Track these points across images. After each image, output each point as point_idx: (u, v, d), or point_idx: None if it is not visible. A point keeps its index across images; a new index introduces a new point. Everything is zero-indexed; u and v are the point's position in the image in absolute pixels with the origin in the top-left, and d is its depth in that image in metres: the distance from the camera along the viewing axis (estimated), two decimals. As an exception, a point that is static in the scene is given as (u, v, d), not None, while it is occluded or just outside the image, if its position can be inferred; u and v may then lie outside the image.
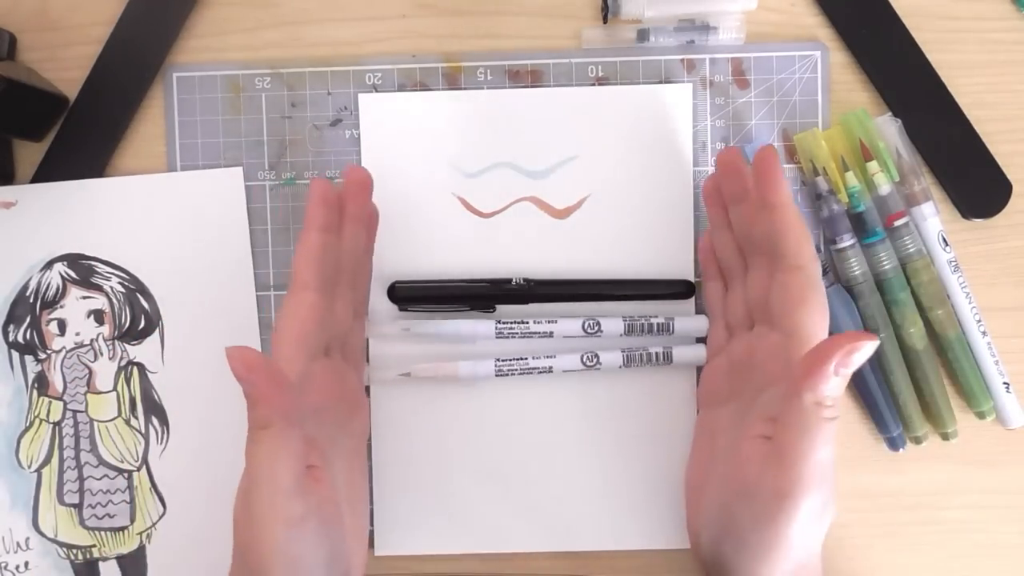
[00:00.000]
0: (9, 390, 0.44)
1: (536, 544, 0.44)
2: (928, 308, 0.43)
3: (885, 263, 0.43)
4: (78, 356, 0.44)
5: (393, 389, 0.44)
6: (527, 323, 0.42)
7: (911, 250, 0.43)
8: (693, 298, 0.44)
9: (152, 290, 0.44)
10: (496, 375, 0.42)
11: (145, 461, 0.44)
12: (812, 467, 0.32)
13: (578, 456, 0.44)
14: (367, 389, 0.44)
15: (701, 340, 0.43)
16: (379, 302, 0.44)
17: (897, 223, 0.43)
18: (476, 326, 0.42)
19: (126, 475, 0.44)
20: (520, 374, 0.42)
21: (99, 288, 0.44)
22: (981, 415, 0.44)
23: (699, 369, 0.43)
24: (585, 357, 0.42)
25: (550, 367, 0.42)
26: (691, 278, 0.44)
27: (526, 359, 0.42)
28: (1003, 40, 0.44)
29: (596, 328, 0.42)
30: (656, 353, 0.42)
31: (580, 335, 0.43)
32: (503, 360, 0.42)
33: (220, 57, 0.44)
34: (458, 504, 0.44)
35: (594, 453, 0.44)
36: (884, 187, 0.42)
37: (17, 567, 0.44)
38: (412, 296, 0.43)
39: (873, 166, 0.42)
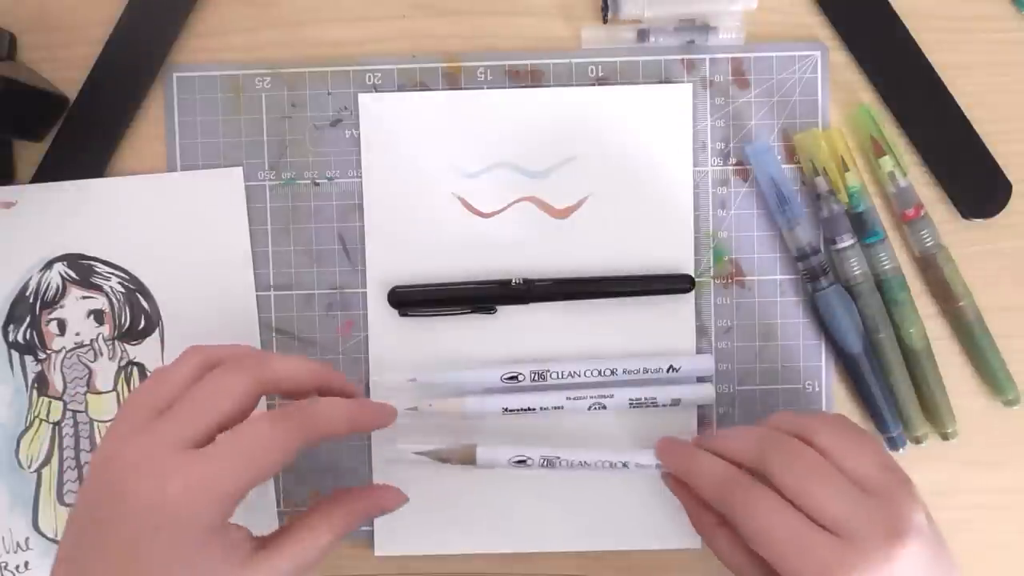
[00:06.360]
0: (9, 390, 0.44)
1: (536, 544, 0.44)
2: (954, 298, 0.43)
3: (885, 263, 0.43)
4: (78, 356, 0.44)
5: (396, 398, 0.44)
6: (534, 409, 0.43)
7: (929, 243, 0.43)
8: (693, 296, 0.44)
9: (152, 290, 0.44)
10: (503, 413, 0.43)
11: (145, 461, 0.44)
12: None
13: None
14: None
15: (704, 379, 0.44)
16: (379, 307, 0.44)
17: (914, 217, 0.43)
18: (484, 404, 0.43)
19: (126, 475, 0.44)
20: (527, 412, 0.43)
21: (99, 288, 0.44)
22: (1009, 403, 0.44)
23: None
24: (592, 406, 0.43)
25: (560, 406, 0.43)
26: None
27: (534, 410, 0.43)
28: (1003, 40, 0.44)
29: (602, 408, 0.43)
30: (664, 405, 0.43)
31: (585, 413, 0.43)
32: (510, 410, 0.43)
33: (220, 57, 0.44)
34: (458, 504, 0.44)
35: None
36: (901, 181, 0.43)
37: (17, 567, 0.44)
38: (411, 300, 0.43)
39: (886, 161, 0.42)
